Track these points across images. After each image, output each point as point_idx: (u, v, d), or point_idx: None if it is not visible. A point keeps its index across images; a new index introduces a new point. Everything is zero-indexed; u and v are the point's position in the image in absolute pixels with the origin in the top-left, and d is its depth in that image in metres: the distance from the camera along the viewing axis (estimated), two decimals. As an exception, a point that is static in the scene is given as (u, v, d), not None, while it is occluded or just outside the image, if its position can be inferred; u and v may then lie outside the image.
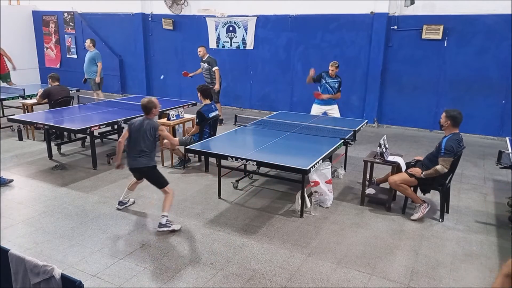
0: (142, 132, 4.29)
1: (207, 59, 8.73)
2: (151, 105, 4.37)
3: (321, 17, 9.47)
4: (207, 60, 8.72)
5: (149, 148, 4.33)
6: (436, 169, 4.41)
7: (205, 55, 8.76)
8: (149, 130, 4.29)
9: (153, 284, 3.43)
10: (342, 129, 5.65)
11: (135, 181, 4.75)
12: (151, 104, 4.37)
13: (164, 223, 4.26)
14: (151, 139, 4.33)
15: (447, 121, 4.49)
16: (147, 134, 4.29)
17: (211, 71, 8.68)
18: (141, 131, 4.29)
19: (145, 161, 4.33)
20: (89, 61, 9.43)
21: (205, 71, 8.76)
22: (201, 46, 8.87)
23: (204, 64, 8.73)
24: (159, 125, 4.43)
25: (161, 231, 4.24)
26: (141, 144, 4.29)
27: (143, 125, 4.31)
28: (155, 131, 4.34)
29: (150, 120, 4.37)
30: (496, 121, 8.31)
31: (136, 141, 4.31)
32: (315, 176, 4.80)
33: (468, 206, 5.10)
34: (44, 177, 5.82)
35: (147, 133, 4.29)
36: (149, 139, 4.31)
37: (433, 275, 3.62)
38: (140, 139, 4.29)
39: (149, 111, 4.39)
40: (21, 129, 7.66)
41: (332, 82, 7.27)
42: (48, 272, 2.19)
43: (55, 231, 4.28)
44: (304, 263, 3.77)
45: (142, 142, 4.29)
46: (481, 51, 8.18)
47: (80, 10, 12.85)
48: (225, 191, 5.34)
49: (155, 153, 4.49)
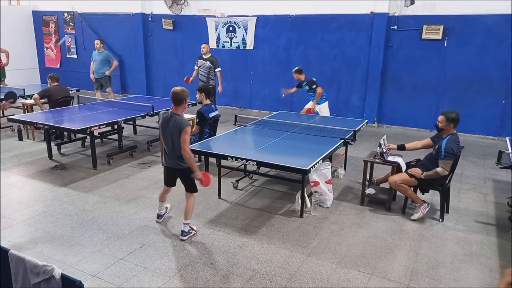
0: (169, 129, 3.90)
1: (210, 57, 8.54)
2: (185, 95, 3.91)
3: (321, 17, 9.47)
4: (209, 59, 8.50)
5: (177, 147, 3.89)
6: (436, 171, 4.41)
7: (208, 53, 8.60)
8: (175, 129, 3.85)
9: (153, 284, 3.43)
10: (342, 129, 5.65)
11: (163, 191, 4.39)
12: (185, 94, 3.92)
13: (187, 230, 4.12)
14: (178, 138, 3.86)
15: (449, 124, 4.48)
16: (173, 133, 3.87)
17: (210, 71, 8.51)
18: (168, 128, 3.90)
19: (177, 161, 3.98)
20: (102, 62, 9.54)
21: (205, 69, 8.50)
22: (205, 43, 8.72)
23: (206, 62, 8.48)
24: (189, 125, 3.83)
25: (185, 239, 4.09)
26: (169, 142, 3.94)
27: (170, 122, 3.89)
28: (180, 131, 3.82)
29: (178, 117, 3.89)
30: (496, 121, 8.31)
31: (166, 138, 3.96)
32: (315, 176, 4.80)
33: (468, 206, 5.10)
34: (44, 177, 5.82)
35: (173, 132, 3.87)
36: (176, 138, 3.87)
37: (433, 275, 3.62)
38: (168, 136, 3.93)
39: (181, 102, 3.91)
40: (21, 129, 7.67)
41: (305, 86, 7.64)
42: (48, 272, 2.19)
43: (55, 231, 4.28)
44: (304, 263, 3.77)
45: (170, 141, 3.93)
46: (481, 51, 8.18)
47: (80, 10, 12.85)
48: (225, 191, 5.34)
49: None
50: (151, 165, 6.42)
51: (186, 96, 3.92)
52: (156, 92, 12.11)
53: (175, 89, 3.92)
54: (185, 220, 4.13)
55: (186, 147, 3.82)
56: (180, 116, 3.91)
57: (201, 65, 8.57)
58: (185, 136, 3.80)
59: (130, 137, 8.10)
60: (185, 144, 3.81)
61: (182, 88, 3.96)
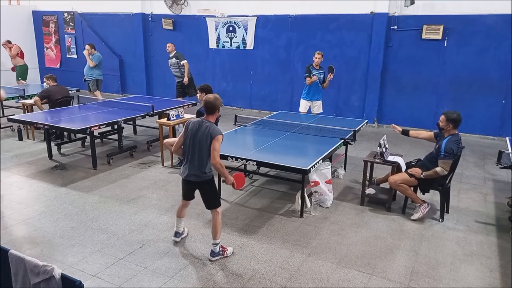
0: (199, 136, 3.62)
1: (175, 54, 8.92)
2: (218, 103, 3.70)
3: (321, 17, 9.47)
4: (175, 55, 8.90)
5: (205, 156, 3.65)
6: (436, 171, 4.41)
7: (173, 51, 8.93)
8: (206, 136, 3.59)
9: (153, 284, 3.43)
10: (342, 129, 5.65)
11: (181, 206, 4.04)
12: (218, 102, 3.70)
13: (217, 251, 3.80)
14: (207, 146, 3.61)
15: (449, 125, 4.48)
16: (203, 140, 3.61)
17: (179, 65, 8.86)
18: (198, 135, 3.63)
19: (200, 172, 3.68)
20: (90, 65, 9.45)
21: (174, 66, 8.91)
22: (170, 43, 9.03)
23: (172, 59, 8.89)
24: (221, 134, 3.63)
25: (213, 260, 3.78)
26: (196, 150, 3.65)
27: (201, 129, 3.63)
28: (211, 139, 3.57)
29: (211, 124, 3.66)
30: (496, 121, 8.31)
31: (193, 146, 3.66)
32: (315, 176, 4.80)
33: (468, 206, 5.10)
34: (44, 177, 5.82)
35: (203, 138, 3.61)
36: (205, 146, 3.61)
37: (433, 275, 3.62)
38: (196, 144, 3.64)
39: (214, 111, 3.70)
40: (21, 129, 7.67)
41: (318, 73, 7.34)
42: (48, 272, 2.19)
43: (55, 231, 4.28)
44: (304, 263, 3.77)
45: (198, 148, 3.64)
46: (481, 51, 8.18)
47: (80, 10, 12.85)
48: (225, 191, 5.33)
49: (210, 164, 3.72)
50: (151, 165, 6.42)
51: (219, 104, 3.72)
52: (156, 92, 12.11)
53: (208, 97, 3.72)
54: (214, 240, 3.78)
55: (216, 156, 3.59)
56: (213, 123, 3.69)
57: (171, 64, 8.98)
58: (216, 144, 3.59)
59: (130, 137, 8.10)
60: (215, 153, 3.58)
61: (215, 95, 3.75)
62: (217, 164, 3.62)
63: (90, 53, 9.41)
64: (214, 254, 3.80)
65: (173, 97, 9.65)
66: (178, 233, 4.13)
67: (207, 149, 3.60)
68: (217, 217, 3.76)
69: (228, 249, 3.89)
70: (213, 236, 3.79)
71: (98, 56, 9.50)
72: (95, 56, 9.44)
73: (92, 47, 9.50)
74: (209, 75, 11.15)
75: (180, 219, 4.09)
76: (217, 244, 3.80)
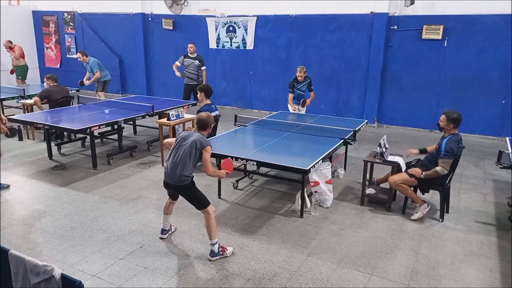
0: (187, 142, 3.75)
1: (197, 56, 8.77)
2: (211, 120, 3.92)
3: (321, 17, 9.47)
4: (197, 58, 8.75)
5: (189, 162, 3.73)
6: (436, 170, 4.41)
7: (194, 52, 8.79)
8: (195, 142, 3.72)
9: (153, 284, 3.43)
10: (342, 129, 5.65)
11: (168, 203, 4.13)
12: (211, 119, 3.93)
13: (217, 251, 3.81)
14: (194, 152, 3.73)
15: (449, 124, 4.48)
16: (192, 146, 3.72)
17: (199, 69, 8.74)
18: (187, 140, 3.77)
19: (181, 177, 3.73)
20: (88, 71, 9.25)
21: (194, 68, 8.73)
22: (192, 43, 8.87)
23: (195, 61, 8.71)
24: (210, 145, 3.81)
25: (212, 260, 3.79)
26: (180, 152, 3.75)
27: (191, 137, 3.79)
28: (201, 148, 3.73)
29: (201, 135, 3.84)
30: (496, 121, 8.31)
31: (178, 151, 3.78)
32: (315, 176, 4.80)
33: (468, 206, 5.10)
34: (44, 177, 5.82)
35: (193, 144, 3.73)
36: (192, 153, 3.73)
37: (433, 275, 3.62)
38: (182, 147, 3.76)
39: (206, 127, 3.92)
40: (21, 129, 7.67)
41: (301, 86, 7.36)
42: (48, 272, 2.19)
43: (55, 231, 4.28)
44: (304, 263, 3.77)
45: (182, 151, 3.74)
46: (481, 51, 8.18)
47: (80, 10, 12.85)
48: (225, 191, 5.34)
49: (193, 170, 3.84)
50: (151, 165, 6.42)
51: (212, 122, 3.96)
52: (156, 92, 12.12)
53: (201, 115, 3.93)
54: (210, 240, 3.80)
55: (209, 166, 3.74)
56: (203, 135, 3.87)
57: (189, 64, 8.77)
58: (206, 155, 3.74)
59: (130, 137, 8.10)
60: (207, 163, 3.74)
61: (207, 113, 3.98)
62: (211, 173, 3.80)
63: (83, 61, 9.08)
64: (214, 254, 3.81)
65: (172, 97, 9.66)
66: (164, 230, 4.22)
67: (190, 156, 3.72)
68: (208, 217, 3.78)
69: (228, 249, 3.90)
70: (209, 236, 3.82)
71: (94, 62, 9.13)
72: (92, 63, 9.09)
73: (83, 55, 9.08)
74: (209, 75, 11.08)
75: (166, 216, 4.17)
76: (215, 244, 3.80)
